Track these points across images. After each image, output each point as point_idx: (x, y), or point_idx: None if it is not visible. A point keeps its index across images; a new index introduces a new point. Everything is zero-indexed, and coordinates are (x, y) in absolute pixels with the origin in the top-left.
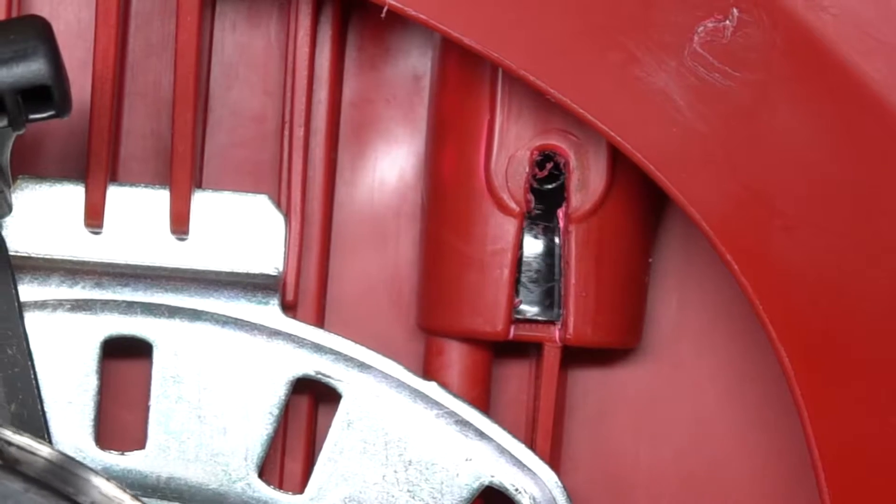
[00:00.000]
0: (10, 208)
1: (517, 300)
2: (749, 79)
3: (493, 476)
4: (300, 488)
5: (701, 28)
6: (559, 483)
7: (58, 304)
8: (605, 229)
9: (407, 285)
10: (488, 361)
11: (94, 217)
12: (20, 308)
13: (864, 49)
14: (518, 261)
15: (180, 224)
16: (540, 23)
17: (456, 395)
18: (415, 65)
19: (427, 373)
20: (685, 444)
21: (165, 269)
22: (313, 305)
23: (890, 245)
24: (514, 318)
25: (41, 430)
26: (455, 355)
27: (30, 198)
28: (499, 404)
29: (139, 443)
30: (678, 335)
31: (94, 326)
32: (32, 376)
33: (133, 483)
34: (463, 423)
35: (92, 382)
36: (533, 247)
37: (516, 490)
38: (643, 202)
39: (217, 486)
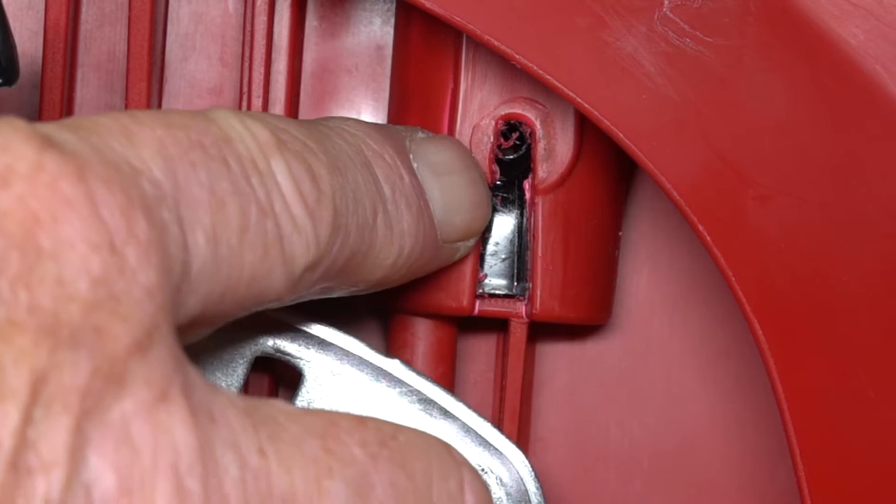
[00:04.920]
0: None
1: (482, 274)
2: (721, 44)
3: None
4: None
5: None
6: (527, 463)
7: None
8: (572, 201)
9: None
10: (453, 338)
11: None
12: None
13: (839, 13)
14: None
15: None
16: None
17: (419, 373)
18: (377, 34)
19: (390, 350)
20: (657, 422)
21: None
22: None
23: (867, 215)
24: (480, 293)
25: None
26: (419, 332)
27: None
28: (464, 382)
29: None
30: (650, 310)
31: None
32: None
33: None
34: (427, 402)
35: None
36: (498, 219)
37: (483, 470)
38: (612, 172)
39: None
